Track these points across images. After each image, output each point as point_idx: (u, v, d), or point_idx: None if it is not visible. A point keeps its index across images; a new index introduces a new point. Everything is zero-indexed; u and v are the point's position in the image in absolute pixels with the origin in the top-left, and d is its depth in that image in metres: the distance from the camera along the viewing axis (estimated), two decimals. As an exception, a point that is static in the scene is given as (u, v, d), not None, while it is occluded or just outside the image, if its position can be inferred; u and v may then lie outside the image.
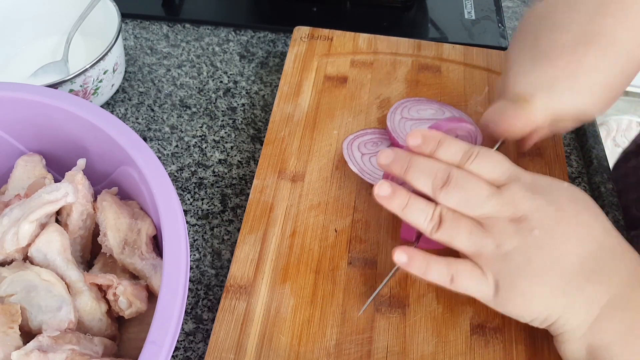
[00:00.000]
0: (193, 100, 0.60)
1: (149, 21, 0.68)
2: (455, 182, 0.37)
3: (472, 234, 0.36)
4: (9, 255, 0.38)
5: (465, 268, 0.37)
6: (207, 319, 0.46)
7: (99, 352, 0.36)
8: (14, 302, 0.36)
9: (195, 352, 0.44)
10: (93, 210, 0.42)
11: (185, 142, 0.57)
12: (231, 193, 0.53)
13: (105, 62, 0.54)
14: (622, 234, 0.37)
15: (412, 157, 0.38)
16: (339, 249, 0.46)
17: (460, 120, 0.46)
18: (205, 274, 0.48)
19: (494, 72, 0.58)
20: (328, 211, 0.48)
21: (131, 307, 0.38)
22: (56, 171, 0.46)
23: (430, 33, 0.68)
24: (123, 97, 0.61)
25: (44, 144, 0.46)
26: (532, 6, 0.45)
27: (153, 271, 0.40)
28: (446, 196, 0.37)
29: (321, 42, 0.60)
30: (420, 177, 0.38)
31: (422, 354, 0.41)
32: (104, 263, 0.41)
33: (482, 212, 0.37)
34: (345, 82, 0.57)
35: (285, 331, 0.42)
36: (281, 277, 0.44)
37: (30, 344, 0.33)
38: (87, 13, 0.59)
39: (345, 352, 0.41)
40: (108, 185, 0.45)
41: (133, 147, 0.40)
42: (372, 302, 0.43)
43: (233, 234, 0.50)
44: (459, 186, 0.37)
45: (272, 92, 0.61)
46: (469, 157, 0.38)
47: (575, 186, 0.39)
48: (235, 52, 0.65)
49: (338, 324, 0.42)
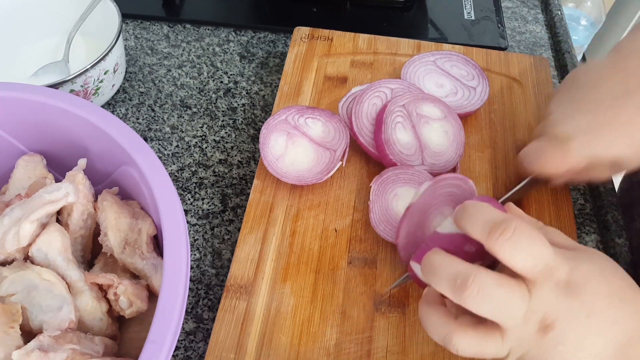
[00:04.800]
0: (193, 100, 0.61)
1: (149, 21, 0.68)
2: (477, 288, 0.31)
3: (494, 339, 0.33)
4: (10, 255, 0.38)
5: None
6: (208, 319, 0.46)
7: (99, 352, 0.36)
8: (15, 301, 0.36)
9: (195, 352, 0.44)
10: (94, 210, 0.42)
11: (185, 142, 0.57)
12: (231, 193, 0.53)
13: (106, 62, 0.54)
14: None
15: (427, 255, 0.34)
16: (338, 249, 0.46)
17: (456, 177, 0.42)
18: (206, 274, 0.48)
19: (494, 72, 0.59)
20: (328, 211, 0.48)
21: (132, 306, 0.38)
22: (57, 171, 0.46)
23: (430, 33, 0.68)
24: (124, 97, 0.61)
25: (45, 144, 0.46)
26: (578, 66, 0.47)
27: (153, 271, 0.40)
28: (471, 304, 0.31)
29: (321, 43, 0.60)
30: (440, 282, 0.33)
31: (422, 354, 0.41)
32: (104, 263, 0.41)
33: (511, 323, 0.32)
34: (345, 82, 0.58)
35: (285, 331, 0.42)
36: (281, 277, 0.44)
37: (31, 343, 0.33)
38: (87, 13, 0.59)
39: (345, 352, 0.41)
40: (109, 185, 0.45)
41: (134, 147, 0.40)
42: (372, 301, 0.43)
43: (233, 233, 0.51)
44: (482, 294, 0.31)
45: (272, 92, 0.62)
46: (501, 232, 0.31)
47: (616, 266, 0.35)
48: (235, 52, 0.65)
49: (338, 324, 0.42)
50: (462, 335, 0.33)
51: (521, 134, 0.54)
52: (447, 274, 0.32)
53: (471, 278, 0.31)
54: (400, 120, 0.51)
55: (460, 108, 0.54)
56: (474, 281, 0.31)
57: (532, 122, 0.55)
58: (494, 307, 0.31)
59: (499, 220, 0.31)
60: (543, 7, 0.73)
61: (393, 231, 0.46)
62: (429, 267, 0.34)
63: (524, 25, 0.70)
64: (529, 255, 0.31)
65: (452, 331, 0.33)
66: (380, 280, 0.44)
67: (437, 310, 0.34)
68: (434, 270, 0.33)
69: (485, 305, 0.31)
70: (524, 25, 0.70)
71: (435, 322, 0.34)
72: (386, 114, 0.50)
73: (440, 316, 0.34)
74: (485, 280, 0.31)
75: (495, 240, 0.31)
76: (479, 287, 0.31)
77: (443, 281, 0.32)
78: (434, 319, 0.34)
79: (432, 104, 0.52)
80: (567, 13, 1.71)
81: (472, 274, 0.31)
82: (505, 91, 0.57)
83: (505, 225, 0.31)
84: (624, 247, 0.49)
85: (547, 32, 0.69)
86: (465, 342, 0.33)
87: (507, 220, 0.31)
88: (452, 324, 0.33)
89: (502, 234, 0.31)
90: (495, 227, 0.31)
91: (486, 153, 0.53)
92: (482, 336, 0.32)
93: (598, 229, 0.51)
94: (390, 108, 0.51)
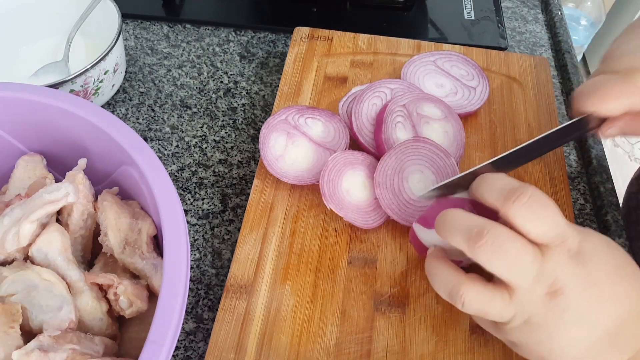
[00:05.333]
0: (193, 100, 0.61)
1: (149, 21, 0.68)
2: (492, 239, 0.31)
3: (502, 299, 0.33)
4: (10, 255, 0.38)
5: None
6: (208, 319, 0.46)
7: (99, 352, 0.36)
8: (15, 301, 0.36)
9: (195, 352, 0.44)
10: (94, 210, 0.42)
11: (185, 142, 0.57)
12: (231, 193, 0.53)
13: (106, 62, 0.54)
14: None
15: (444, 212, 0.34)
16: (338, 249, 0.46)
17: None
18: (206, 274, 0.48)
19: (494, 72, 0.59)
20: (328, 211, 0.48)
21: (132, 306, 0.38)
22: (57, 171, 0.46)
23: (430, 33, 0.68)
24: (124, 97, 0.61)
25: (45, 144, 0.46)
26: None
27: (154, 271, 0.40)
28: (484, 255, 0.31)
29: (321, 43, 0.60)
30: (455, 233, 0.33)
31: (422, 353, 0.41)
32: (104, 263, 0.41)
33: (520, 283, 0.32)
34: (345, 82, 0.58)
35: (285, 330, 0.42)
36: (281, 277, 0.44)
37: (31, 343, 0.33)
38: (87, 13, 0.59)
39: (345, 352, 0.41)
40: (109, 185, 0.45)
41: (134, 147, 0.40)
42: (372, 301, 0.43)
43: (233, 233, 0.51)
44: (496, 246, 0.31)
45: (272, 92, 0.62)
46: (517, 197, 0.31)
47: (618, 245, 0.35)
48: (235, 52, 0.65)
49: (338, 324, 0.42)
50: (471, 286, 0.33)
51: (521, 134, 0.54)
52: (464, 225, 0.32)
53: (486, 229, 0.31)
54: (400, 120, 0.51)
55: (460, 108, 0.54)
56: (489, 232, 0.31)
57: (532, 122, 0.55)
58: (506, 261, 0.31)
59: (515, 187, 0.32)
60: (543, 7, 0.73)
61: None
62: (445, 221, 0.33)
63: (524, 25, 0.70)
64: (543, 222, 0.31)
65: (461, 282, 0.33)
66: (380, 280, 0.44)
67: (445, 263, 0.34)
68: (451, 223, 0.33)
69: (497, 258, 0.31)
70: (524, 25, 0.70)
71: (444, 273, 0.34)
72: (386, 114, 0.50)
73: (449, 268, 0.34)
74: (501, 233, 0.31)
75: (511, 205, 0.31)
76: (493, 239, 0.31)
77: (459, 232, 0.32)
78: (443, 270, 0.34)
79: (433, 104, 0.52)
80: (567, 13, 1.72)
81: (488, 226, 0.31)
82: (505, 91, 0.57)
83: (522, 191, 0.31)
84: (624, 248, 0.49)
85: (547, 32, 0.69)
86: (472, 294, 0.32)
87: (524, 186, 0.32)
88: (461, 276, 0.33)
89: (518, 198, 0.31)
90: (512, 193, 0.31)
91: (486, 153, 0.53)
92: (491, 291, 0.33)
93: (598, 229, 0.51)
94: (391, 108, 0.51)
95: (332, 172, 0.48)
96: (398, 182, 0.47)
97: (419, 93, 0.53)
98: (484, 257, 0.31)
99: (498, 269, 0.32)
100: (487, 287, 0.33)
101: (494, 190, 0.33)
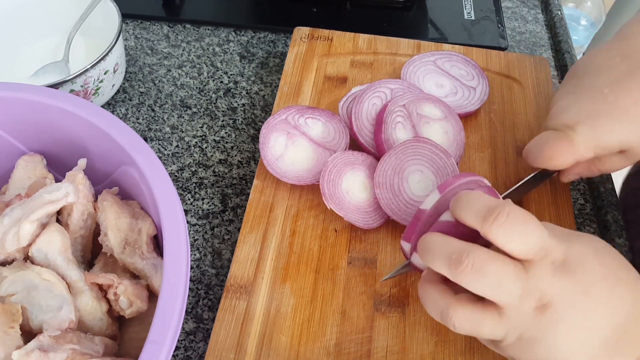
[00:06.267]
0: (193, 100, 0.61)
1: (149, 21, 0.68)
2: (472, 263, 0.31)
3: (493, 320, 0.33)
4: (10, 255, 0.38)
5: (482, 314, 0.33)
6: (208, 319, 0.46)
7: (99, 352, 0.36)
8: (15, 301, 0.36)
9: (195, 352, 0.44)
10: (94, 210, 0.42)
11: (185, 142, 0.57)
12: (231, 193, 0.53)
13: (106, 62, 0.54)
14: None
15: (424, 237, 0.35)
16: (338, 249, 0.46)
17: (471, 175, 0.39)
18: (206, 274, 0.48)
19: (494, 72, 0.59)
20: (328, 211, 0.48)
21: (132, 306, 0.38)
22: (57, 171, 0.46)
23: (430, 33, 0.68)
24: (124, 97, 0.61)
25: (45, 144, 0.46)
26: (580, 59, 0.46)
27: (154, 271, 0.40)
28: (466, 279, 0.32)
29: (321, 43, 0.60)
30: (436, 260, 0.33)
31: (422, 353, 0.41)
32: (104, 263, 0.41)
33: (507, 301, 0.32)
34: (345, 82, 0.58)
35: (285, 330, 0.42)
36: (281, 277, 0.44)
37: (31, 343, 0.33)
38: (87, 13, 0.59)
39: (345, 352, 0.41)
40: (109, 185, 0.45)
41: (134, 147, 0.40)
42: (372, 301, 0.43)
43: (233, 233, 0.51)
44: (476, 269, 0.31)
45: (272, 92, 0.62)
46: (495, 217, 0.31)
47: (610, 247, 0.35)
48: (235, 52, 0.65)
49: (338, 324, 0.42)
50: (460, 308, 0.33)
51: (521, 134, 0.54)
52: (444, 251, 0.33)
53: (465, 253, 0.32)
54: (400, 120, 0.51)
55: (460, 108, 0.54)
56: (468, 256, 0.31)
57: (532, 122, 0.55)
58: (488, 283, 0.32)
59: (492, 206, 0.32)
60: (543, 7, 0.73)
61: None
62: (426, 246, 0.34)
63: (524, 25, 0.70)
64: (524, 239, 0.31)
65: (450, 305, 0.33)
66: (380, 280, 0.44)
67: (436, 286, 0.35)
68: (431, 249, 0.34)
69: (479, 280, 0.32)
70: (524, 25, 0.70)
71: (434, 297, 0.34)
72: (386, 114, 0.50)
73: (439, 291, 0.34)
74: (480, 256, 0.31)
75: (490, 227, 0.31)
76: (472, 262, 0.31)
77: (439, 259, 0.33)
78: (433, 294, 0.34)
79: (433, 104, 0.52)
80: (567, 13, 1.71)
81: (466, 250, 0.32)
82: (505, 91, 0.57)
83: (499, 210, 0.31)
84: (624, 247, 0.49)
85: (547, 32, 0.69)
86: (462, 315, 0.33)
87: (501, 206, 0.31)
88: (450, 298, 0.34)
89: (497, 218, 0.31)
90: (490, 213, 0.31)
91: (486, 153, 0.53)
92: (480, 311, 0.33)
93: (598, 229, 0.51)
94: (391, 108, 0.51)
95: (332, 172, 0.48)
96: (398, 182, 0.47)
97: (419, 93, 0.53)
98: (466, 281, 0.32)
99: (483, 290, 0.32)
100: (476, 308, 0.33)
101: (472, 211, 0.33)
